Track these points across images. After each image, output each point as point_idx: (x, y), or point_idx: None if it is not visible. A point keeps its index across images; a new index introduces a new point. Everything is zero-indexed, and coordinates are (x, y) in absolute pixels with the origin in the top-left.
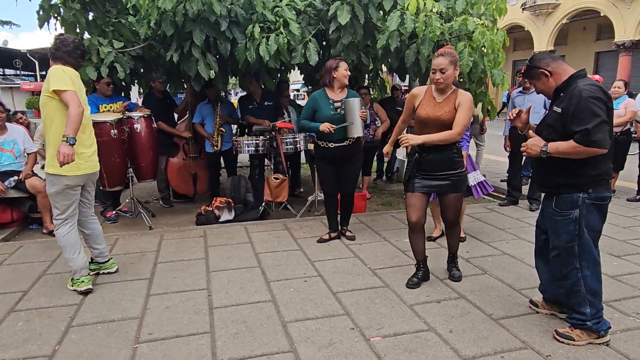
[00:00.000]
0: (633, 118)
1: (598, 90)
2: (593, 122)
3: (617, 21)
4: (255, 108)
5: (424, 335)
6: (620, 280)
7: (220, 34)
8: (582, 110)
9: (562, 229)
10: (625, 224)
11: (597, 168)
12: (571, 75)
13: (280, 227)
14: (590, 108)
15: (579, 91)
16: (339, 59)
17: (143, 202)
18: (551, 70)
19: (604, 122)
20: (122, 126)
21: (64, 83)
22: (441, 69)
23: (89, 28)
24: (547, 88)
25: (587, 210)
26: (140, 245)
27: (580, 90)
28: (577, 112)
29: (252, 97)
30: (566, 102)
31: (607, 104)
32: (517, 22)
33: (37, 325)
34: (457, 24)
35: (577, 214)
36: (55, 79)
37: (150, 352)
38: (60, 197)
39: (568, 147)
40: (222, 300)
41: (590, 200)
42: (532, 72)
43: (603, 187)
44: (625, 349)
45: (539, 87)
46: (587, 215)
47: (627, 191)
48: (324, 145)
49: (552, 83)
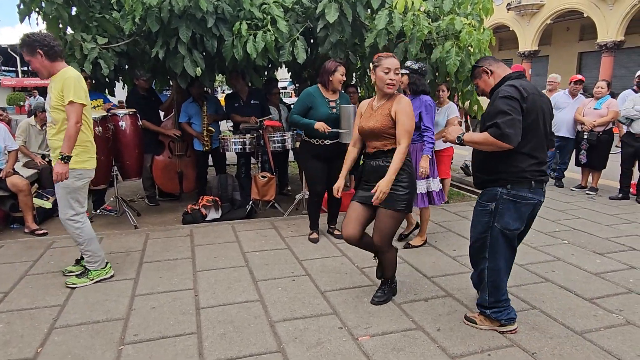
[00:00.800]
0: (615, 118)
1: (514, 91)
2: (503, 118)
3: (600, 22)
4: (241, 106)
5: (411, 334)
6: (603, 277)
7: (207, 30)
8: (495, 107)
9: (479, 219)
10: (608, 222)
11: (512, 165)
12: (504, 77)
13: (268, 225)
14: (502, 106)
15: (498, 92)
16: (338, 62)
17: (128, 201)
18: (492, 69)
19: (516, 120)
20: (106, 124)
21: (78, 96)
22: (396, 68)
23: (72, 23)
24: (486, 87)
25: (503, 206)
26: (125, 244)
27: (499, 90)
28: (492, 109)
29: (238, 96)
30: (491, 102)
31: (522, 104)
32: (502, 22)
33: (18, 327)
34: (444, 24)
35: (493, 207)
36: (75, 90)
37: (135, 353)
38: (83, 190)
39: (480, 137)
40: (209, 300)
41: (508, 197)
42: (475, 71)
43: (524, 186)
44: (609, 345)
45: (481, 86)
46: (503, 211)
47: (609, 190)
48: (318, 143)
49: (491, 82)
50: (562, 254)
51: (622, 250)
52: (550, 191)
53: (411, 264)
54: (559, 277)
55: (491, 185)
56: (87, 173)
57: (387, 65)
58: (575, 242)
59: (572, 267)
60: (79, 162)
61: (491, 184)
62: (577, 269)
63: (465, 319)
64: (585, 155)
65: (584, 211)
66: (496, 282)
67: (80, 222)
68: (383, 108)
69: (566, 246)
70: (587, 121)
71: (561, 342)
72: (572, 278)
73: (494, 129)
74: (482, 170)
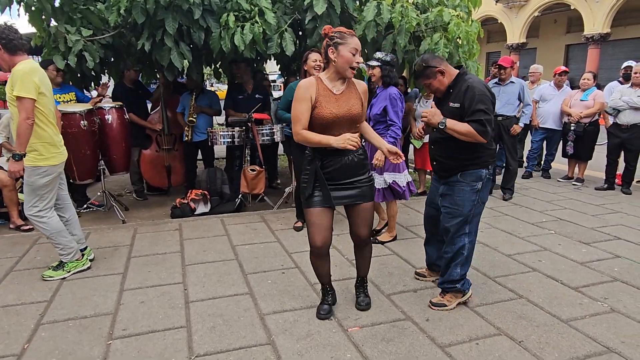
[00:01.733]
0: (601, 109)
1: (487, 91)
2: (485, 117)
3: (587, 14)
4: (245, 99)
5: (400, 325)
6: (588, 266)
7: (194, 22)
8: (476, 105)
9: (467, 198)
10: (593, 212)
11: (488, 149)
12: (459, 73)
13: (257, 219)
14: (481, 105)
15: (472, 88)
16: (309, 50)
17: (115, 195)
18: (445, 69)
19: (492, 119)
20: (92, 117)
21: (26, 90)
22: (359, 52)
23: (56, 15)
24: (442, 86)
25: (485, 184)
26: (113, 239)
27: (473, 87)
28: (473, 106)
29: (242, 88)
30: (460, 98)
31: (492, 100)
32: (490, 14)
33: (4, 324)
34: (432, 15)
35: (479, 186)
36: (21, 84)
37: (124, 348)
38: (49, 187)
39: (463, 128)
40: (199, 293)
41: (488, 175)
42: (427, 71)
43: (491, 166)
44: (594, 333)
45: (435, 85)
46: (483, 188)
47: (595, 180)
48: None
49: (446, 81)
50: (549, 244)
51: (608, 239)
52: (537, 182)
53: (400, 255)
54: (546, 267)
55: (472, 167)
56: (53, 169)
57: (355, 45)
58: (561, 232)
59: (558, 256)
60: (44, 159)
61: (472, 166)
62: (563, 259)
63: (434, 306)
64: (572, 147)
65: (571, 202)
66: (470, 255)
67: (46, 217)
68: (350, 92)
69: (553, 236)
70: (573, 112)
71: (547, 330)
72: (559, 267)
73: (477, 125)
74: (460, 155)
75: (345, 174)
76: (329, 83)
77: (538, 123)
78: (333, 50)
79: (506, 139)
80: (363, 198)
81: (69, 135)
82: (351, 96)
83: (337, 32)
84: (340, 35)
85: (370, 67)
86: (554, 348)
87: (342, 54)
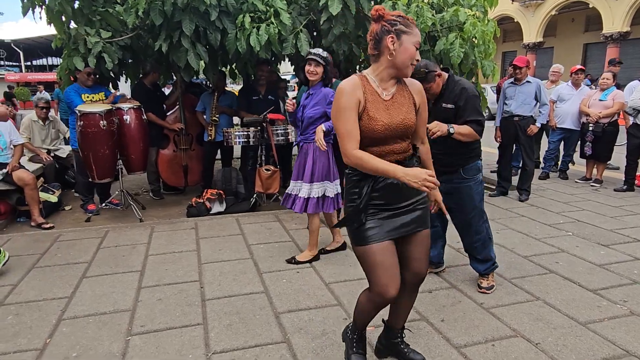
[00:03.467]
0: (621, 109)
1: (476, 90)
2: (480, 117)
3: (606, 13)
4: (259, 100)
5: (416, 325)
6: (607, 269)
7: (210, 23)
8: (472, 105)
9: (476, 191)
10: (612, 213)
11: (478, 142)
12: (449, 76)
13: (272, 218)
14: (477, 106)
15: (466, 90)
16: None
17: (133, 195)
18: (440, 72)
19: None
20: (111, 117)
21: None
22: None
23: (75, 17)
24: (438, 89)
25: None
26: (130, 237)
27: (466, 89)
28: (469, 107)
29: (256, 89)
30: (454, 99)
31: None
32: (506, 13)
33: (27, 319)
34: (448, 15)
35: (480, 176)
36: None
37: (142, 344)
38: None
39: (466, 130)
40: (215, 291)
41: (481, 165)
42: (429, 76)
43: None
44: (613, 336)
45: (434, 88)
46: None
47: (614, 181)
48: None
49: (441, 83)
50: (567, 245)
51: (627, 241)
52: (554, 183)
53: None
54: (563, 269)
55: (472, 160)
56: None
57: (419, 38)
58: (579, 234)
59: (576, 258)
60: None
61: (472, 159)
62: (581, 261)
63: (487, 290)
64: (590, 147)
65: (589, 203)
66: (492, 235)
67: None
68: (402, 96)
69: (570, 238)
70: (592, 112)
71: (565, 332)
72: (576, 269)
73: (476, 126)
74: (460, 149)
75: (401, 196)
76: (378, 84)
77: (555, 123)
78: (394, 40)
79: (523, 139)
80: (423, 224)
81: (88, 135)
82: (404, 102)
83: (400, 17)
84: (404, 21)
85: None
86: (572, 351)
87: (405, 45)
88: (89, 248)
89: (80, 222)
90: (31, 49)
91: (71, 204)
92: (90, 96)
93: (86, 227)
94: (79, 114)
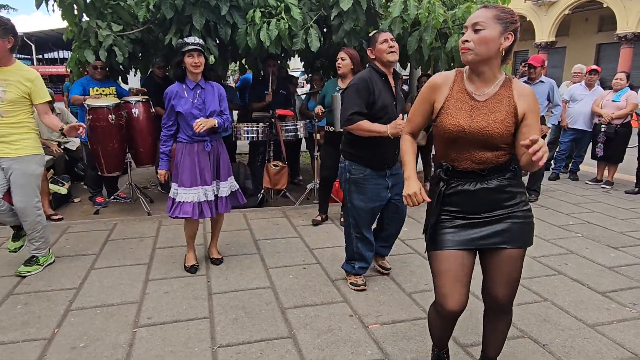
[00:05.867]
0: (634, 110)
1: None
2: None
3: (620, 13)
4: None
5: (422, 323)
6: (617, 271)
7: (221, 18)
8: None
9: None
10: (623, 216)
11: None
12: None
13: (279, 214)
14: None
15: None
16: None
17: (141, 188)
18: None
19: None
20: (119, 111)
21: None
22: (475, 23)
23: (87, 10)
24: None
25: None
26: (138, 230)
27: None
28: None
29: (267, 83)
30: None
31: None
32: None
33: (36, 309)
34: (460, 12)
35: None
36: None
37: (149, 336)
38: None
39: None
40: (221, 286)
41: None
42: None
43: None
44: (622, 339)
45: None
46: None
47: (625, 184)
48: (327, 129)
49: None
50: (576, 247)
51: (637, 244)
52: (564, 184)
53: (421, 254)
54: (572, 270)
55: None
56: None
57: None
58: (589, 236)
59: (585, 260)
60: (38, 148)
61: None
62: (590, 262)
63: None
64: (602, 149)
65: (599, 205)
66: None
67: (42, 209)
68: (499, 101)
69: (580, 239)
70: (604, 113)
71: (573, 334)
72: (585, 271)
73: None
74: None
75: (480, 204)
76: (474, 83)
77: (567, 124)
78: (512, 37)
79: None
80: (511, 241)
81: (97, 128)
82: (497, 108)
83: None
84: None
85: (194, 54)
86: (579, 353)
87: (513, 46)
88: (98, 240)
89: (89, 214)
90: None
91: (80, 196)
92: (100, 89)
93: (95, 219)
94: (88, 108)
